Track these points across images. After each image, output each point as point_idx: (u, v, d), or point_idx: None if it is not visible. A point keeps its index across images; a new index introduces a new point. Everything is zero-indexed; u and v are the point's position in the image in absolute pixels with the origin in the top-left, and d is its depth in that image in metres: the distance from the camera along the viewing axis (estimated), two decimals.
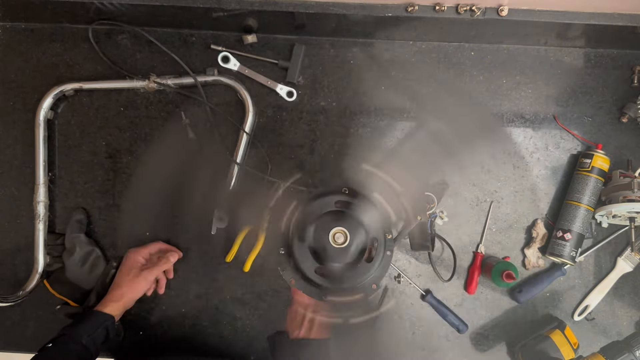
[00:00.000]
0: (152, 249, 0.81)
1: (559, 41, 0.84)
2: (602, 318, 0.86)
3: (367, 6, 0.76)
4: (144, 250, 0.80)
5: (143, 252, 0.80)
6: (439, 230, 0.85)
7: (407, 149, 0.73)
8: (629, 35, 0.79)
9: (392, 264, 0.85)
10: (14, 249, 0.85)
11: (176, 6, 0.76)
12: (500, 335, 0.86)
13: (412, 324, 0.86)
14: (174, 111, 0.86)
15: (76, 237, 0.83)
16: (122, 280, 0.77)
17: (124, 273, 0.77)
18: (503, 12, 0.76)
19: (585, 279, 0.86)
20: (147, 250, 0.80)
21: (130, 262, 0.78)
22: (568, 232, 0.80)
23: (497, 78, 0.86)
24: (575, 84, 0.86)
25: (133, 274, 0.76)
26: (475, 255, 0.85)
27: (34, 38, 0.86)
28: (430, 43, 0.86)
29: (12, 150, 0.86)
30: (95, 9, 0.78)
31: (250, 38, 0.84)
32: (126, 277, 0.77)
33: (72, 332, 0.68)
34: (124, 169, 0.86)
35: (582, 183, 0.81)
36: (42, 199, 0.83)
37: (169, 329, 0.85)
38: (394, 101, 0.86)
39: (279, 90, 0.85)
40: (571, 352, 0.78)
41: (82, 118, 0.86)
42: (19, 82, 0.86)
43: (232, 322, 0.86)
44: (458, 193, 0.86)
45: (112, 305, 0.74)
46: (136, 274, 0.76)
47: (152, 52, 0.86)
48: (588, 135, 0.86)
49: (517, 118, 0.86)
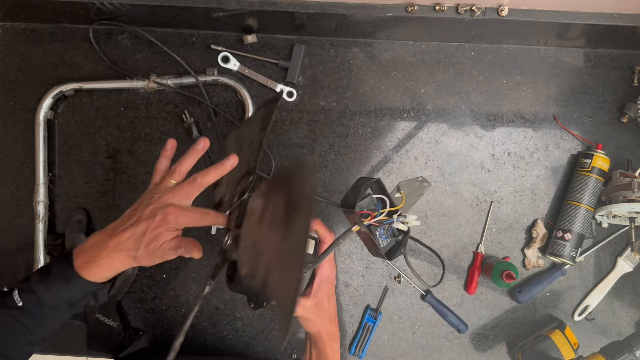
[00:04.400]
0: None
1: (559, 41, 0.84)
2: (602, 318, 0.86)
3: (367, 6, 0.76)
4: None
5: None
6: (427, 232, 0.85)
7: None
8: (629, 35, 0.80)
9: (392, 264, 0.85)
10: (14, 249, 0.85)
11: (176, 6, 0.76)
12: (500, 335, 0.86)
13: (412, 324, 0.86)
14: (174, 111, 0.86)
15: (76, 237, 0.83)
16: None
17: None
18: (503, 12, 0.76)
19: (585, 279, 0.86)
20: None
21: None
22: (568, 232, 0.80)
23: (497, 78, 0.86)
24: (575, 84, 0.86)
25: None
26: (475, 255, 0.85)
27: (34, 38, 0.86)
28: (430, 43, 0.86)
29: (12, 150, 0.86)
30: (95, 9, 0.78)
31: (250, 38, 0.84)
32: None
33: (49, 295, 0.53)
34: (124, 169, 0.86)
35: (582, 183, 0.81)
36: (42, 199, 0.83)
37: (169, 329, 0.85)
38: (394, 101, 0.86)
39: (279, 90, 0.85)
40: (571, 352, 0.78)
41: (82, 118, 0.86)
42: (19, 82, 0.86)
43: (232, 322, 0.86)
44: (458, 193, 0.86)
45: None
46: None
47: (152, 52, 0.86)
48: (588, 135, 0.86)
49: (517, 118, 0.86)
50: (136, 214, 0.53)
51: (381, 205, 0.69)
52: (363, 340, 0.85)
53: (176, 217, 0.51)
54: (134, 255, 0.52)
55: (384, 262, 0.85)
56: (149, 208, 0.52)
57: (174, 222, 0.51)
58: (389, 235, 0.71)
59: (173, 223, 0.51)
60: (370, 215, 0.67)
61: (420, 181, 0.84)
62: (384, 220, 0.68)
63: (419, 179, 0.84)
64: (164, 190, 0.54)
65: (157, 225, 0.51)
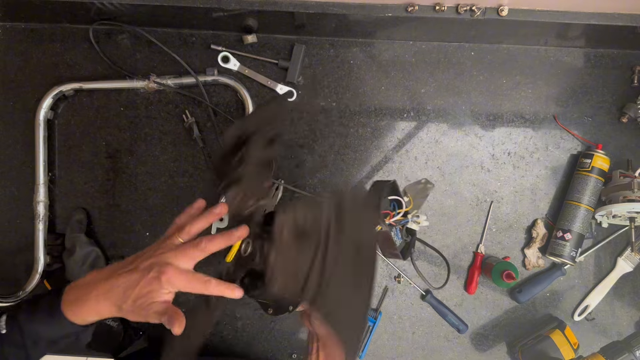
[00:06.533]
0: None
1: (559, 41, 0.84)
2: (602, 318, 0.86)
3: (367, 6, 0.76)
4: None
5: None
6: (431, 233, 0.85)
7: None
8: (629, 35, 0.79)
9: (392, 264, 0.85)
10: (14, 249, 0.85)
11: (176, 6, 0.76)
12: (500, 335, 0.86)
13: (412, 324, 0.86)
14: (174, 111, 0.86)
15: (76, 237, 0.83)
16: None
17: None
18: (503, 12, 0.76)
19: (585, 279, 0.86)
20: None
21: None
22: (568, 232, 0.80)
23: (497, 78, 0.86)
24: (575, 84, 0.86)
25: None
26: (475, 255, 0.85)
27: (34, 38, 0.86)
28: (430, 43, 0.86)
29: (12, 150, 0.86)
30: (95, 9, 0.78)
31: (250, 38, 0.84)
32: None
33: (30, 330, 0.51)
34: (124, 169, 0.86)
35: (582, 183, 0.81)
36: (42, 199, 0.83)
37: (169, 329, 0.85)
38: (394, 101, 0.86)
39: (279, 90, 0.85)
40: (571, 352, 0.78)
41: (82, 118, 0.86)
42: (19, 82, 0.86)
43: (232, 322, 0.86)
44: (458, 193, 0.86)
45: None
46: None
47: (152, 52, 0.86)
48: (588, 135, 0.86)
49: (517, 118, 0.86)
50: (136, 262, 0.51)
51: (396, 206, 0.71)
52: (363, 340, 0.85)
53: (170, 278, 0.48)
54: (120, 306, 0.49)
55: (384, 262, 0.85)
56: (148, 261, 0.50)
57: (167, 283, 0.48)
58: (402, 236, 0.73)
59: (166, 283, 0.48)
60: (389, 214, 0.69)
61: (424, 183, 0.84)
62: (400, 220, 0.71)
63: (422, 180, 0.84)
64: (169, 246, 0.52)
65: (150, 282, 0.48)
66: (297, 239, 0.49)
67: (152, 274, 0.49)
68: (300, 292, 0.48)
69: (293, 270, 0.49)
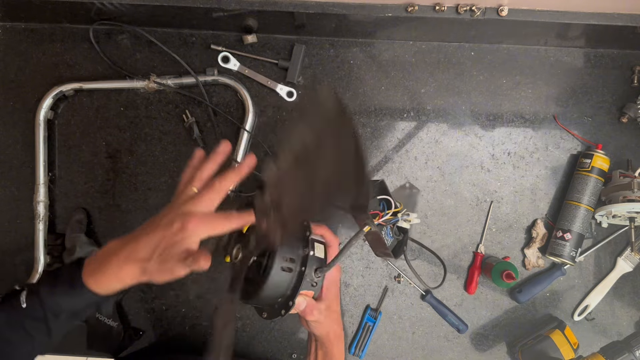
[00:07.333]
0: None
1: (559, 41, 0.84)
2: (602, 318, 0.86)
3: (367, 6, 0.76)
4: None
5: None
6: (426, 232, 0.85)
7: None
8: (629, 35, 0.79)
9: (393, 264, 0.85)
10: (14, 249, 0.85)
11: (176, 6, 0.76)
12: (500, 335, 0.86)
13: (412, 324, 0.86)
14: (174, 111, 0.86)
15: (76, 237, 0.83)
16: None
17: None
18: (503, 12, 0.76)
19: (585, 279, 0.86)
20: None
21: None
22: (568, 232, 0.80)
23: (497, 78, 0.86)
24: (575, 84, 0.86)
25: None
26: (475, 255, 0.85)
27: (34, 38, 0.86)
28: (430, 43, 0.86)
29: (12, 150, 0.86)
30: (95, 9, 0.78)
31: (250, 38, 0.84)
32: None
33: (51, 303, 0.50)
34: (124, 169, 0.86)
35: (582, 183, 0.81)
36: (42, 199, 0.83)
37: (169, 329, 0.85)
38: (394, 101, 0.86)
39: (279, 90, 0.85)
40: (571, 352, 0.78)
41: (82, 118, 0.86)
42: (19, 82, 0.86)
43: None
44: (458, 193, 0.86)
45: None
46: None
47: (152, 52, 0.86)
48: (588, 135, 0.86)
49: (517, 118, 0.86)
50: (155, 222, 0.51)
51: (385, 205, 0.70)
52: (363, 340, 0.85)
53: (196, 225, 0.48)
54: (145, 267, 0.49)
55: (383, 262, 0.85)
56: (167, 217, 0.50)
57: (193, 230, 0.48)
58: (393, 235, 0.72)
59: (192, 231, 0.48)
60: (378, 215, 0.68)
61: (409, 187, 0.84)
62: (390, 220, 0.69)
63: (407, 185, 0.84)
64: (185, 198, 0.52)
65: (175, 234, 0.48)
66: (287, 175, 0.46)
67: (175, 225, 0.48)
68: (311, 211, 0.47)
69: (296, 202, 0.47)
